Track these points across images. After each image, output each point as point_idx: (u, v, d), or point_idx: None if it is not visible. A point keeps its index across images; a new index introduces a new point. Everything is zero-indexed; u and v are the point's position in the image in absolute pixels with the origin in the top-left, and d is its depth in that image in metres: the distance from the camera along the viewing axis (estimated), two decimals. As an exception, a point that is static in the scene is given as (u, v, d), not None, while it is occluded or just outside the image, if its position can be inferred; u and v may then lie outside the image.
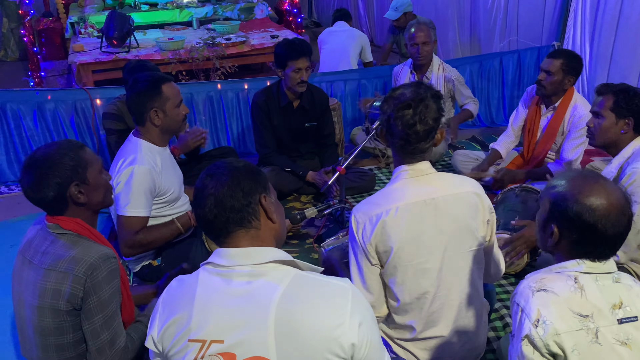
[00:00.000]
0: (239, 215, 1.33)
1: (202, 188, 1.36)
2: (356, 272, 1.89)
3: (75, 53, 5.61)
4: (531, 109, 3.53)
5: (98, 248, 1.74)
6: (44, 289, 1.69)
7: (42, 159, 1.74)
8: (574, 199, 1.40)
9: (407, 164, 1.85)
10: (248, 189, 1.35)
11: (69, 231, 1.76)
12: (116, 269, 1.75)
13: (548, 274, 1.45)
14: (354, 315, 1.25)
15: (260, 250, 1.33)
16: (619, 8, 4.29)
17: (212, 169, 1.39)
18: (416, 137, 1.78)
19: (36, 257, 1.75)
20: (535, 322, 1.35)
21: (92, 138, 4.23)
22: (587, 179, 1.45)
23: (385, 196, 1.85)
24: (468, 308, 1.92)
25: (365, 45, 5.50)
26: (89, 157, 1.81)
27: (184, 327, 1.30)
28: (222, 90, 4.45)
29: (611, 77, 4.48)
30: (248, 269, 1.29)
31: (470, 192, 1.86)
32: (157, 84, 2.53)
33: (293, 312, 1.23)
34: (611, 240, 1.41)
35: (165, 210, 2.66)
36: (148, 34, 6.33)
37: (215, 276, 1.32)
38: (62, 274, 1.68)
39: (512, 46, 5.55)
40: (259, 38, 6.06)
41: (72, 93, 4.25)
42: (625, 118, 2.47)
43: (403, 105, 1.77)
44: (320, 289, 1.28)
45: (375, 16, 8.18)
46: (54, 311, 1.69)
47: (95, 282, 1.68)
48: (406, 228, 1.79)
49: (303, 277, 1.30)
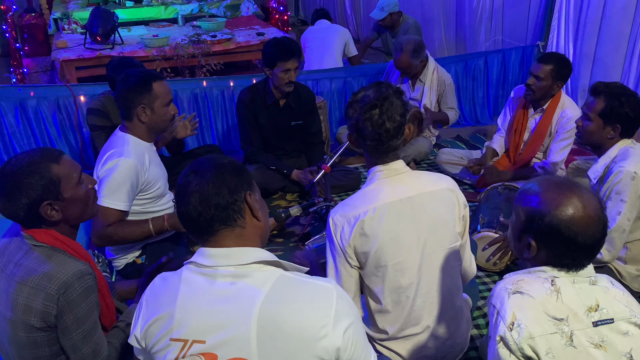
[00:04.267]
0: (224, 213, 1.30)
1: (186, 184, 1.32)
2: (333, 273, 1.89)
3: (59, 49, 5.54)
4: (518, 110, 3.55)
5: (73, 264, 1.64)
6: (16, 303, 1.61)
7: (9, 177, 1.62)
8: (551, 214, 1.39)
9: (381, 164, 1.85)
10: (233, 186, 1.32)
11: (43, 244, 1.67)
12: (92, 286, 1.67)
13: (525, 276, 1.45)
14: (338, 318, 1.23)
15: (244, 251, 1.31)
16: (602, 8, 4.33)
17: (195, 165, 1.36)
18: (387, 135, 1.78)
19: (9, 266, 1.68)
20: (510, 325, 1.35)
21: (75, 135, 4.18)
22: (561, 189, 1.42)
23: (362, 198, 1.85)
24: (449, 305, 1.93)
25: (349, 40, 5.52)
26: (63, 170, 1.67)
27: (166, 326, 1.29)
28: (207, 87, 4.41)
29: (594, 76, 4.53)
30: (232, 269, 1.28)
31: (445, 189, 1.87)
32: (148, 81, 2.50)
33: (276, 314, 1.22)
34: (590, 249, 1.41)
35: (149, 207, 2.63)
36: (133, 30, 6.27)
37: (198, 275, 1.30)
38: (34, 290, 1.59)
39: (497, 45, 5.59)
40: (245, 35, 6.03)
41: (55, 90, 4.19)
42: (612, 125, 2.42)
43: (369, 106, 1.77)
44: (304, 290, 1.26)
45: (362, 13, 8.18)
46: (27, 326, 1.62)
47: (69, 300, 1.61)
48: (384, 228, 1.79)
49: (287, 278, 1.28)
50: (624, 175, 2.35)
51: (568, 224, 1.37)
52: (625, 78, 4.28)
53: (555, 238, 1.39)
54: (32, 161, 1.64)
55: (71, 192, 1.70)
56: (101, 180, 2.41)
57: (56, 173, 1.66)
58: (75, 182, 1.72)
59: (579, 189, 1.43)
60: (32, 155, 1.67)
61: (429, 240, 1.84)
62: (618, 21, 4.21)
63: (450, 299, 1.92)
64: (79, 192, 1.74)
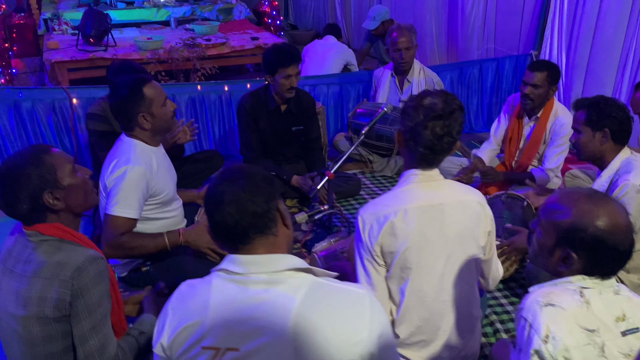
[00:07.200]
0: (260, 221, 1.30)
1: (220, 194, 1.31)
2: (361, 270, 1.89)
3: (50, 50, 5.47)
4: (513, 119, 3.60)
5: (83, 251, 1.66)
6: (29, 298, 1.62)
7: (6, 174, 1.64)
8: (594, 225, 1.41)
9: (419, 169, 1.86)
10: (268, 195, 1.32)
11: (50, 237, 1.68)
12: (104, 270, 1.68)
13: (554, 288, 1.46)
14: (373, 323, 1.25)
15: (276, 258, 1.31)
16: (595, 19, 4.40)
17: (227, 174, 1.36)
18: (441, 149, 1.80)
19: (18, 265, 1.67)
20: (545, 337, 1.36)
21: (70, 138, 4.13)
22: (595, 200, 1.45)
23: (394, 198, 1.86)
24: (467, 315, 1.94)
25: (351, 60, 5.51)
26: (55, 159, 1.70)
27: (197, 334, 1.28)
28: (204, 92, 4.39)
29: (587, 86, 4.60)
30: (264, 276, 1.28)
31: (474, 201, 1.89)
32: (138, 88, 2.43)
33: (312, 320, 1.22)
34: (627, 256, 1.44)
35: (157, 213, 2.58)
36: (124, 32, 6.22)
37: (229, 283, 1.30)
38: (48, 280, 1.60)
39: (490, 54, 5.65)
40: (239, 40, 6.02)
41: (51, 92, 4.13)
42: (600, 130, 2.50)
43: (435, 115, 1.77)
44: (339, 296, 1.28)
45: (353, 21, 8.21)
46: (41, 319, 1.62)
47: (82, 284, 1.61)
48: (414, 230, 1.80)
49: (320, 284, 1.29)
50: (630, 188, 2.40)
51: (610, 233, 1.40)
52: (617, 88, 4.36)
53: (597, 248, 1.42)
54: (24, 155, 1.68)
55: (69, 180, 1.71)
56: (110, 189, 2.37)
57: (49, 162, 1.68)
58: (69, 169, 1.74)
59: (608, 199, 1.47)
60: (22, 151, 1.72)
61: (454, 249, 1.86)
62: (611, 32, 4.29)
63: (468, 309, 1.94)
64: (77, 179, 1.75)
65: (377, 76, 4.37)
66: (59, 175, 1.69)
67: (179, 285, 1.39)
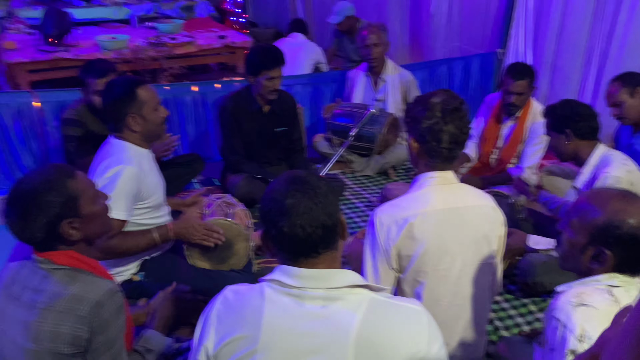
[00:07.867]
0: (329, 235, 1.26)
1: (293, 205, 1.23)
2: (371, 272, 1.87)
3: (7, 51, 5.21)
4: (491, 120, 3.69)
5: (101, 283, 1.56)
6: (40, 331, 1.50)
7: (25, 197, 1.52)
8: (628, 223, 1.45)
9: (436, 171, 1.87)
10: (335, 207, 1.29)
11: (64, 266, 1.57)
12: (122, 305, 1.59)
13: (583, 288, 1.49)
14: (432, 339, 1.26)
15: (335, 273, 1.27)
16: (561, 16, 4.50)
17: (292, 182, 1.28)
18: (463, 141, 1.84)
19: (25, 293, 1.55)
20: (580, 337, 1.39)
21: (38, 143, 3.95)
22: (627, 199, 1.50)
23: (412, 200, 1.86)
24: (479, 319, 1.97)
25: (321, 59, 5.50)
26: (80, 186, 1.59)
27: (248, 347, 1.23)
28: (175, 93, 4.28)
29: (553, 84, 4.73)
30: (321, 292, 1.24)
31: (489, 206, 1.91)
32: (132, 88, 2.39)
33: (373, 337, 1.21)
34: None
35: (146, 219, 2.51)
36: (84, 32, 5.99)
37: (284, 296, 1.25)
38: (62, 315, 1.49)
39: (455, 52, 5.72)
40: (206, 38, 5.90)
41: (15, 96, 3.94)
42: (563, 132, 2.66)
43: (452, 109, 1.80)
44: (398, 313, 1.26)
45: (315, 18, 8.17)
46: (55, 355, 1.51)
47: (102, 320, 1.51)
48: (433, 234, 1.81)
49: (379, 301, 1.27)
50: (611, 180, 2.51)
51: None
52: (583, 86, 4.49)
53: (632, 245, 1.46)
54: (48, 179, 1.55)
55: (89, 208, 1.61)
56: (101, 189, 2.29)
57: (74, 189, 1.57)
58: (92, 197, 1.64)
59: (635, 195, 1.52)
60: (45, 172, 1.58)
61: (470, 253, 1.87)
62: (577, 30, 4.40)
63: (480, 313, 1.96)
64: (97, 207, 1.66)
65: (351, 77, 4.41)
66: (80, 203, 1.58)
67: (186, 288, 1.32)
